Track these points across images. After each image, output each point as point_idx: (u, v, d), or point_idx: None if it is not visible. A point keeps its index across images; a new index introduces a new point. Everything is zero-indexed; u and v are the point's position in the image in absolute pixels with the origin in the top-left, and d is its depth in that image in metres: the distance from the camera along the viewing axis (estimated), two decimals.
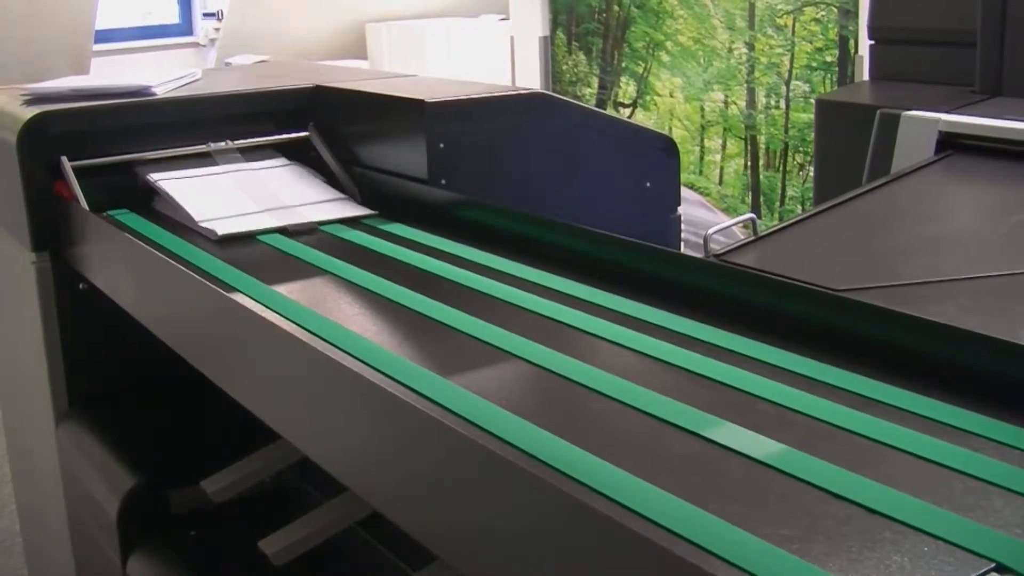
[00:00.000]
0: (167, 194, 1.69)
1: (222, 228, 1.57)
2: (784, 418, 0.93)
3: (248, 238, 1.57)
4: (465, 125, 1.71)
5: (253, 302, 1.22)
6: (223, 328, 1.22)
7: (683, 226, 2.00)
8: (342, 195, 1.75)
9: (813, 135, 2.96)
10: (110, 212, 1.75)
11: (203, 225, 1.58)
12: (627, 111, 4.22)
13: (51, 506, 1.92)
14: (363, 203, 1.75)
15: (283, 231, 1.60)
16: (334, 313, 1.24)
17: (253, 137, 1.90)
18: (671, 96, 4.04)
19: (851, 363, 1.02)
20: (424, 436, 0.88)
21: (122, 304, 1.53)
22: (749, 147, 3.79)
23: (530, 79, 4.56)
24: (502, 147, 1.76)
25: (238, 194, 1.73)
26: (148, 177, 1.77)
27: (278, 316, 1.16)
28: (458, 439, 0.83)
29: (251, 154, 1.89)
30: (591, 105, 3.92)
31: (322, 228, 1.62)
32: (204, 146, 1.85)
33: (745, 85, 3.77)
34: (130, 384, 1.84)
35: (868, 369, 1.00)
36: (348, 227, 1.63)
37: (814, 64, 3.54)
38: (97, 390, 1.83)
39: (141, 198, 1.80)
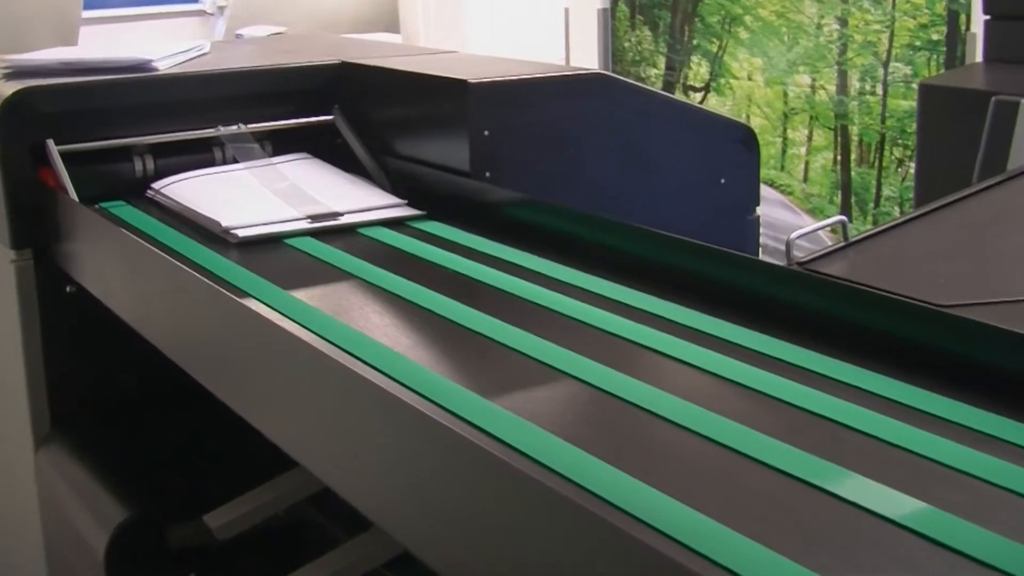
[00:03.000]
0: (178, 203, 1.72)
1: (243, 231, 1.59)
2: (879, 452, 0.93)
3: (271, 241, 1.59)
4: (513, 110, 1.72)
5: (269, 310, 1.23)
6: (234, 339, 1.24)
7: (762, 229, 2.01)
8: (392, 196, 1.76)
9: (915, 125, 2.95)
10: (103, 204, 1.77)
11: (223, 227, 1.60)
12: (698, 96, 4.22)
13: (27, 542, 1.93)
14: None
15: (313, 233, 1.62)
16: (361, 323, 1.26)
17: (269, 121, 1.92)
18: (749, 79, 4.04)
19: (957, 390, 1.02)
20: (463, 465, 0.88)
21: (116, 310, 1.55)
22: (839, 139, 3.78)
23: (587, 58, 4.56)
24: (555, 136, 1.77)
25: (262, 192, 1.76)
26: (151, 188, 1.80)
27: (297, 326, 1.17)
28: (503, 469, 0.84)
29: (272, 145, 1.92)
30: (657, 88, 3.92)
31: (357, 229, 1.64)
32: (213, 129, 1.87)
33: (836, 67, 3.76)
34: (123, 402, 1.85)
35: (978, 398, 1.00)
36: (383, 227, 1.65)
37: (917, 43, 3.53)
38: (84, 409, 1.85)
39: (139, 189, 1.82)
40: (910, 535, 0.80)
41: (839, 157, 3.79)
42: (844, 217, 1.49)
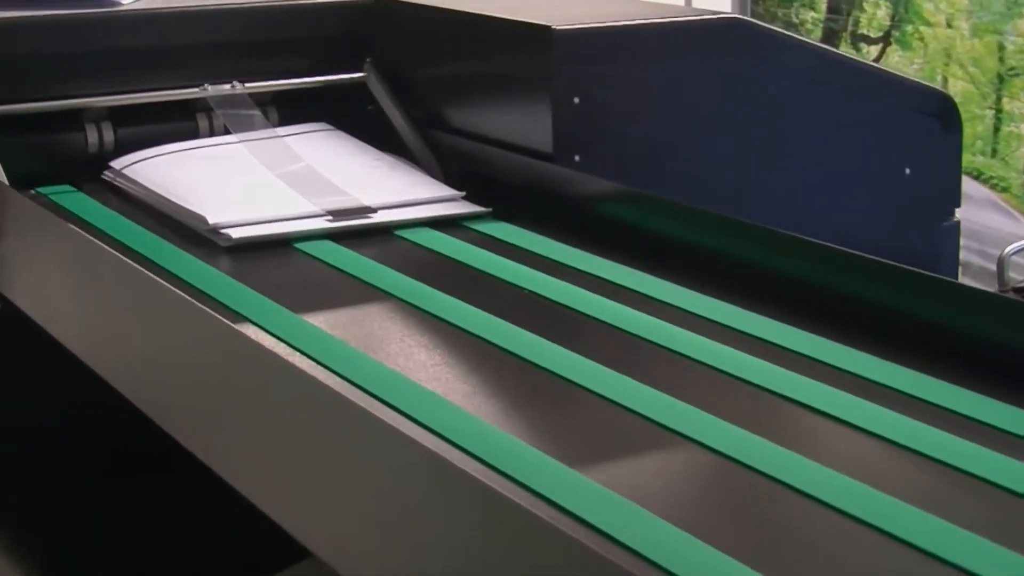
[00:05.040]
0: (148, 189, 1.75)
1: (238, 230, 1.62)
2: None
3: (276, 244, 1.62)
4: (613, 69, 1.73)
5: (274, 341, 1.26)
6: (225, 381, 1.25)
7: (964, 240, 2.00)
8: (443, 186, 1.79)
9: None
10: (42, 189, 1.80)
11: (210, 224, 1.62)
12: (874, 49, 4.21)
13: None
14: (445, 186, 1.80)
15: (335, 235, 1.64)
16: (401, 361, 1.27)
17: (275, 79, 1.95)
18: (949, 26, 4.03)
19: None
20: (543, 561, 0.89)
21: (59, 338, 1.56)
22: None
23: None
24: (671, 106, 1.78)
25: (265, 176, 1.79)
26: (110, 168, 1.83)
27: (313, 364, 1.19)
28: (600, 568, 0.85)
29: (278, 111, 1.94)
30: (815, 39, 3.92)
31: (395, 231, 1.67)
32: (197, 89, 1.90)
33: None
34: (68, 468, 1.86)
35: None
36: (431, 228, 1.67)
37: None
38: (13, 477, 1.86)
39: (93, 168, 1.85)
40: None
41: None
42: None
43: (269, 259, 1.59)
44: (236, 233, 1.61)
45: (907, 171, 1.92)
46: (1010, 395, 1.16)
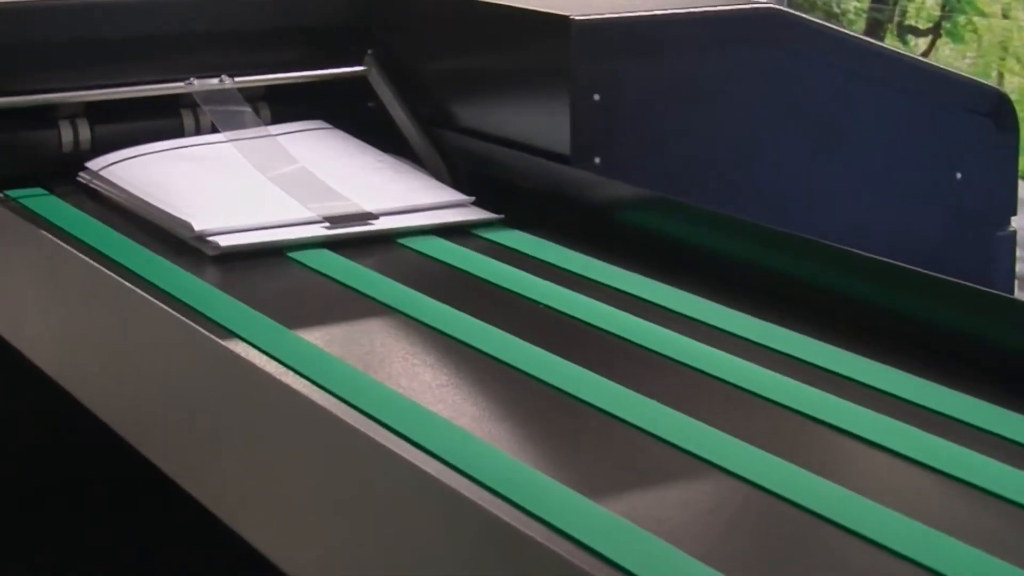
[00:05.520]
0: (128, 193, 1.75)
1: (226, 238, 1.62)
2: None
3: (268, 253, 1.63)
4: (638, 64, 1.73)
5: (265, 359, 1.25)
6: (212, 402, 1.25)
7: (1020, 251, 2.00)
8: (451, 190, 1.80)
9: None
10: (11, 192, 1.80)
11: (196, 231, 1.62)
12: (922, 42, 4.22)
13: None
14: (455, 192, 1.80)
15: (332, 244, 1.65)
16: (404, 382, 1.28)
17: (267, 72, 1.95)
18: (1005, 16, 4.02)
19: None
20: None
21: (29, 355, 1.56)
22: None
23: None
24: (701, 104, 1.78)
25: (256, 179, 1.79)
26: (86, 170, 1.84)
27: (309, 385, 1.19)
28: None
29: (271, 108, 1.95)
30: (858, 31, 3.92)
31: (398, 239, 1.67)
32: (182, 84, 1.91)
33: None
34: (39, 494, 1.87)
35: None
36: (437, 237, 1.68)
37: None
38: None
39: (67, 170, 1.86)
40: None
41: None
42: None
43: (260, 269, 1.59)
44: (224, 241, 1.61)
45: (958, 176, 1.92)
46: None
